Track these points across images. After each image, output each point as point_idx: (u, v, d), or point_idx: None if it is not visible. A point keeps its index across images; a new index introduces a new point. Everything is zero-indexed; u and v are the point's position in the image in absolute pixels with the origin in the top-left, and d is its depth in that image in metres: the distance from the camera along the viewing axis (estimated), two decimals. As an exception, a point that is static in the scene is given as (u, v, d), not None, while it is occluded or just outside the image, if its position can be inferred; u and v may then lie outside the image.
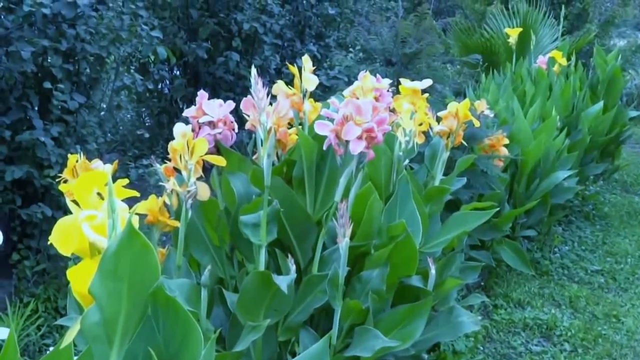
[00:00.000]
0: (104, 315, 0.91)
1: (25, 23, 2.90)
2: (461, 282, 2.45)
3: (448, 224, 2.41)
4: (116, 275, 0.90)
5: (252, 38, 5.04)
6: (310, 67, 2.28)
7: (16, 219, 3.43)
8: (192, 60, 4.74)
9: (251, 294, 1.92)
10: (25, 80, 3.27)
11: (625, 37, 9.71)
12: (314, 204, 2.20)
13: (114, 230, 0.91)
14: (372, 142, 1.96)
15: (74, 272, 0.97)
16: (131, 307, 0.93)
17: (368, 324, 2.03)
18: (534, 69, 4.76)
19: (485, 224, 3.43)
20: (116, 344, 0.95)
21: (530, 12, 5.98)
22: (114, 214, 0.92)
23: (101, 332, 0.93)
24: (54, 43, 3.10)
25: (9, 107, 3.23)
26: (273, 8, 4.89)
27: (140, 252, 0.90)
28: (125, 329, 0.94)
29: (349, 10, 5.99)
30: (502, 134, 3.27)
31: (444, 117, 2.48)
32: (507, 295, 3.51)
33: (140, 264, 0.90)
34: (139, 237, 0.89)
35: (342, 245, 1.85)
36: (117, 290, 0.91)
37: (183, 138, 1.92)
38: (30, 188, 3.47)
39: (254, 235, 1.95)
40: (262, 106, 1.89)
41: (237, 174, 2.13)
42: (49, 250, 3.57)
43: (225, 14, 4.83)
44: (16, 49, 2.88)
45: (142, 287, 0.93)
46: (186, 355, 1.33)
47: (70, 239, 0.98)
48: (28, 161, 3.25)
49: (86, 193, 1.00)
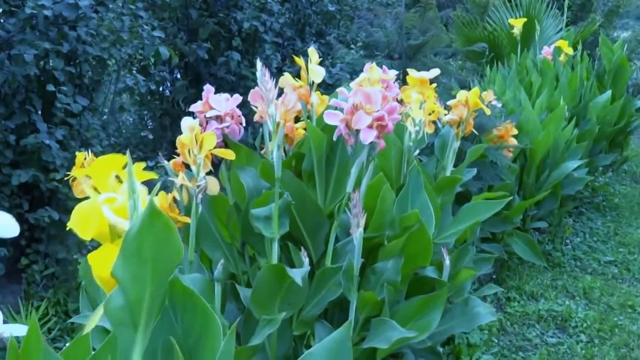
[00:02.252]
0: (128, 298, 0.89)
1: (27, 26, 2.88)
2: (475, 273, 2.41)
3: (460, 215, 2.38)
4: (140, 256, 0.87)
5: (252, 37, 5.01)
6: (317, 59, 2.25)
7: (24, 224, 3.42)
8: (192, 60, 4.71)
9: (265, 287, 1.89)
10: (28, 84, 3.25)
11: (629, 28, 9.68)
12: (325, 197, 2.17)
13: (136, 211, 0.89)
14: (383, 131, 1.92)
15: (95, 256, 0.94)
16: (155, 289, 0.90)
17: (384, 315, 2.00)
18: (539, 60, 4.72)
19: (496, 216, 3.41)
20: (141, 327, 0.92)
21: (533, 3, 5.93)
22: (135, 194, 0.89)
23: (126, 315, 0.90)
24: (55, 45, 3.08)
25: (13, 112, 3.22)
26: (273, 6, 4.86)
27: (163, 232, 0.87)
28: (150, 311, 0.92)
29: (349, 7, 5.97)
30: (510, 123, 3.23)
31: (453, 105, 2.45)
32: (520, 287, 3.47)
33: (164, 244, 0.87)
34: (161, 217, 0.86)
35: (356, 235, 1.81)
36: (140, 272, 0.88)
37: (191, 132, 1.89)
38: (37, 192, 3.46)
39: (266, 229, 1.92)
40: (271, 97, 1.86)
41: (246, 168, 2.10)
42: (57, 255, 3.56)
43: (225, 13, 4.81)
44: (19, 52, 2.86)
45: (165, 268, 0.90)
46: (205, 347, 1.30)
47: (90, 222, 0.95)
48: (33, 165, 3.23)
49: (104, 177, 0.97)
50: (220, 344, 1.27)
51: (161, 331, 1.30)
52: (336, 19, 5.94)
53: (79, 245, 3.49)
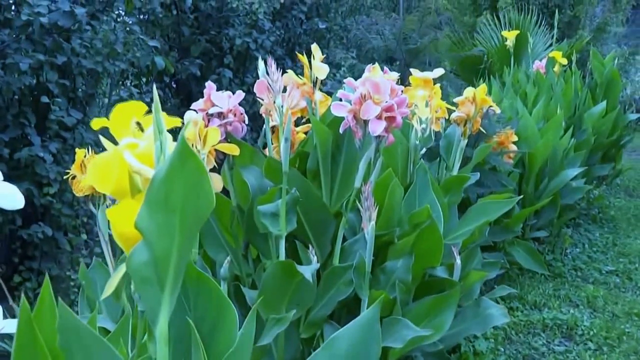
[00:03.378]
0: (154, 252, 0.79)
1: (22, 34, 2.82)
2: (485, 275, 2.34)
3: (469, 215, 2.32)
4: (167, 205, 0.77)
5: (243, 56, 4.97)
6: (320, 56, 2.19)
7: (17, 241, 3.34)
8: (184, 78, 4.66)
9: (273, 286, 1.81)
10: (22, 97, 3.19)
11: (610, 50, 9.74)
12: (331, 196, 2.10)
13: (163, 154, 0.80)
14: (392, 124, 1.87)
15: (114, 211, 0.86)
16: (184, 242, 0.80)
17: (396, 315, 1.93)
18: (531, 73, 4.71)
19: (496, 224, 3.37)
20: (168, 285, 0.82)
21: (523, 20, 5.94)
22: (162, 135, 0.81)
23: (151, 272, 0.80)
24: (49, 57, 3.02)
25: (7, 125, 3.16)
26: (264, 24, 4.83)
27: (194, 176, 0.77)
28: (178, 267, 0.82)
29: (339, 26, 5.94)
30: (510, 130, 3.19)
31: (460, 102, 2.40)
32: (522, 297, 3.40)
33: (195, 190, 0.77)
34: (193, 158, 0.76)
35: (367, 229, 1.74)
36: (168, 222, 0.78)
37: (194, 126, 1.82)
38: (30, 208, 3.38)
39: (273, 226, 1.84)
40: (277, 89, 1.80)
41: (250, 167, 2.04)
42: (51, 272, 3.48)
43: (217, 31, 4.77)
44: (14, 60, 2.79)
45: (196, 218, 0.80)
46: (221, 335, 1.23)
47: (110, 173, 0.87)
48: (27, 179, 3.16)
49: (124, 124, 0.89)
50: (237, 331, 1.20)
51: (174, 319, 1.23)
52: (325, 38, 5.91)
53: (72, 262, 3.41)
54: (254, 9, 4.47)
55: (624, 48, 8.51)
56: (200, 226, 0.82)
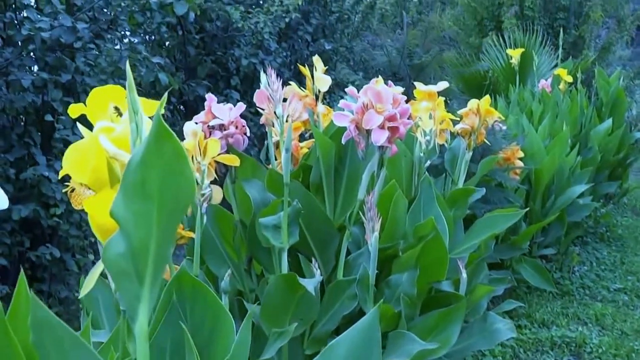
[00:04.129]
0: (131, 243, 0.74)
1: (24, 49, 2.81)
2: (492, 290, 2.30)
3: (474, 229, 2.29)
4: (144, 191, 0.72)
5: (250, 77, 4.96)
6: (322, 67, 2.18)
7: (25, 263, 3.32)
8: (191, 99, 4.64)
9: (275, 300, 1.78)
10: (27, 116, 3.18)
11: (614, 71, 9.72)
12: (334, 209, 2.07)
13: (139, 136, 0.76)
14: (395, 134, 1.84)
15: (92, 202, 0.83)
16: (163, 231, 0.75)
17: (401, 329, 1.89)
18: (537, 92, 4.69)
19: (503, 242, 3.33)
20: (148, 278, 0.76)
21: (528, 41, 5.94)
22: (137, 115, 0.76)
23: (129, 265, 0.75)
24: (53, 75, 3.01)
25: (12, 145, 3.14)
26: (270, 44, 4.82)
27: (172, 159, 0.71)
28: (157, 259, 0.76)
29: (345, 47, 5.94)
30: (516, 145, 3.16)
31: (464, 114, 2.37)
32: (530, 315, 3.35)
33: (173, 175, 0.72)
34: (171, 141, 0.70)
35: (371, 241, 1.71)
36: (145, 210, 0.73)
37: (194, 137, 1.80)
38: (38, 230, 3.37)
39: (275, 238, 1.82)
40: (278, 98, 1.78)
41: (252, 180, 2.01)
42: (60, 294, 3.46)
43: (222, 51, 4.76)
44: (16, 77, 2.78)
45: (176, 205, 0.74)
46: (217, 344, 1.20)
47: (86, 161, 0.83)
48: (34, 200, 3.14)
49: (101, 109, 0.86)
50: (234, 339, 1.17)
51: (169, 328, 1.20)
52: (332, 60, 5.90)
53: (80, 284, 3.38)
54: (259, 28, 4.47)
55: (628, 70, 8.49)
56: (182, 215, 0.77)
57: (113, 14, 3.19)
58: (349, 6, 6.21)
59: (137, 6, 3.18)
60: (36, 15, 2.75)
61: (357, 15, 6.37)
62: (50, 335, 0.88)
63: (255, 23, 4.47)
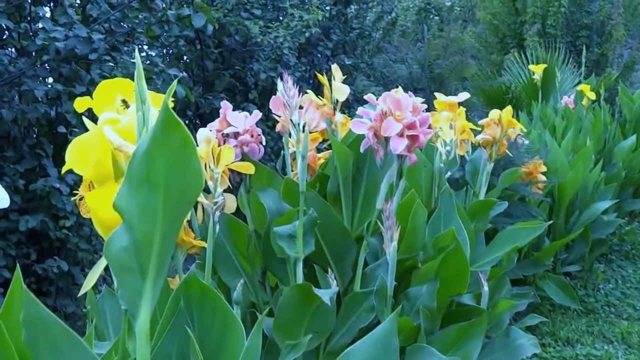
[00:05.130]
0: (134, 236, 0.70)
1: (37, 60, 2.79)
2: (515, 304, 2.23)
3: (496, 241, 2.22)
4: (149, 182, 0.68)
5: (268, 92, 4.93)
6: (341, 77, 2.13)
7: (31, 276, 3.26)
8: (208, 113, 4.61)
9: (289, 311, 1.73)
10: (39, 128, 3.15)
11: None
12: (352, 219, 2.02)
13: (145, 126, 0.72)
14: (415, 143, 1.79)
15: (95, 195, 0.78)
16: (169, 224, 0.71)
17: (420, 342, 1.82)
18: (560, 108, 4.62)
19: (526, 258, 3.26)
20: (151, 273, 0.72)
21: (550, 58, 5.87)
22: (144, 105, 0.73)
23: (131, 259, 0.71)
24: (67, 87, 2.99)
25: (23, 156, 3.11)
26: (289, 59, 4.79)
27: (179, 150, 0.68)
28: (162, 253, 0.72)
29: (365, 63, 5.90)
30: (539, 160, 3.09)
31: (485, 124, 2.32)
32: (554, 333, 3.27)
33: (180, 165, 0.68)
34: (178, 129, 0.67)
35: (389, 251, 1.66)
36: (150, 202, 0.69)
37: (207, 144, 1.75)
38: (46, 242, 3.32)
39: (290, 248, 1.76)
40: (294, 104, 1.74)
41: (267, 190, 1.96)
42: (66, 309, 3.40)
43: (241, 66, 4.74)
44: (29, 87, 2.76)
45: (182, 198, 0.71)
46: (226, 352, 1.14)
47: (89, 153, 0.79)
48: (43, 211, 3.09)
49: (107, 103, 0.82)
50: (244, 347, 1.11)
51: (175, 335, 1.15)
52: (352, 76, 5.86)
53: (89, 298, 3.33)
54: (278, 43, 4.45)
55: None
56: (188, 208, 0.74)
57: (130, 26, 3.17)
58: (370, 23, 6.20)
59: (155, 18, 3.16)
60: (51, 26, 2.73)
61: (378, 32, 6.37)
62: (43, 333, 0.83)
63: (274, 38, 4.44)
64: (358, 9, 5.98)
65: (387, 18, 6.44)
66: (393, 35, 6.36)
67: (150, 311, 0.78)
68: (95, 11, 3.12)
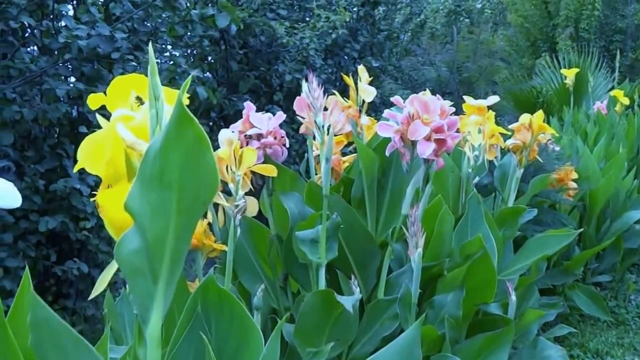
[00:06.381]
0: (146, 238, 0.67)
1: (59, 59, 2.77)
2: (543, 314, 2.16)
3: (525, 249, 2.15)
4: (162, 181, 0.65)
5: (294, 93, 4.89)
6: (367, 78, 2.08)
7: (51, 278, 3.24)
8: (232, 114, 4.57)
9: (311, 318, 1.68)
10: (60, 127, 3.13)
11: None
12: (376, 225, 1.97)
13: (159, 123, 0.69)
14: (442, 147, 1.73)
15: (107, 195, 0.75)
16: (182, 225, 0.68)
17: (445, 352, 1.77)
18: (592, 113, 4.53)
19: (556, 267, 3.18)
20: (163, 276, 0.69)
21: (583, 62, 5.77)
22: (158, 102, 0.69)
23: (143, 262, 0.69)
24: (90, 87, 2.96)
25: (43, 156, 3.08)
26: (315, 60, 4.74)
27: (194, 147, 0.65)
28: (174, 256, 0.69)
29: (393, 66, 5.84)
30: (570, 166, 3.02)
31: (516, 129, 2.25)
32: (583, 345, 3.18)
33: (194, 164, 0.66)
34: (192, 126, 0.64)
35: (414, 257, 1.60)
36: (163, 201, 0.66)
37: (229, 146, 1.71)
38: (66, 244, 3.30)
39: (312, 253, 1.71)
40: (318, 106, 1.69)
41: (290, 193, 1.92)
42: (86, 311, 3.38)
43: (266, 67, 4.70)
44: (50, 86, 2.73)
45: (196, 197, 0.68)
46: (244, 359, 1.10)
47: (101, 151, 0.76)
48: (63, 212, 3.07)
49: (121, 99, 0.78)
50: (262, 354, 1.07)
51: (192, 341, 1.11)
52: (379, 78, 5.80)
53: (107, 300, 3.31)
54: (304, 44, 4.40)
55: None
56: (203, 208, 0.70)
57: (154, 25, 3.14)
58: (398, 25, 6.14)
59: (178, 17, 3.13)
60: (74, 24, 2.71)
61: (407, 34, 6.30)
62: (50, 337, 0.80)
63: (300, 39, 4.40)
64: (386, 10, 5.92)
65: (415, 20, 6.38)
66: (421, 38, 6.30)
67: (162, 316, 0.75)
68: (119, 10, 3.09)
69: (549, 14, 7.55)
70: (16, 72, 2.82)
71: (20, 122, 2.89)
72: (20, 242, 2.97)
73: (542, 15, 7.55)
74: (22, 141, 3.11)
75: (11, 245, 2.93)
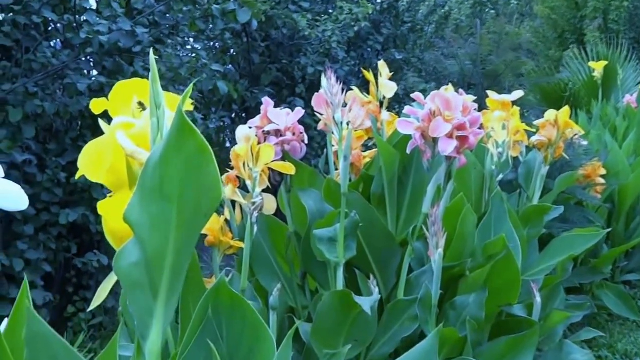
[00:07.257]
0: (146, 250, 0.65)
1: (81, 53, 2.76)
2: (569, 316, 2.10)
3: (550, 249, 2.10)
4: (162, 192, 0.63)
5: (316, 86, 4.85)
6: (388, 73, 2.03)
7: (72, 270, 3.24)
8: (253, 106, 4.54)
9: (328, 319, 1.64)
10: (82, 120, 3.12)
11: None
12: (397, 223, 1.93)
13: (160, 132, 0.65)
14: (464, 144, 1.68)
15: (107, 205, 0.72)
16: (183, 238, 0.66)
17: (466, 356, 1.72)
18: (621, 107, 4.43)
19: (583, 265, 3.11)
20: (163, 290, 0.66)
21: (612, 55, 5.66)
22: (160, 110, 0.66)
23: (142, 275, 0.66)
24: (111, 80, 2.95)
25: (65, 149, 3.08)
26: (338, 53, 4.69)
27: (195, 158, 0.62)
28: (175, 270, 0.67)
29: (417, 58, 5.77)
30: (598, 162, 2.94)
31: (541, 125, 2.19)
32: (612, 345, 3.11)
33: (196, 174, 0.63)
34: (193, 137, 0.61)
35: (434, 258, 1.56)
36: (163, 213, 0.64)
37: (247, 142, 1.67)
38: (86, 236, 3.29)
39: (330, 252, 1.68)
40: (337, 102, 1.64)
41: (309, 190, 1.88)
42: (106, 303, 3.37)
43: (288, 59, 4.66)
44: (71, 81, 2.72)
45: (197, 209, 0.65)
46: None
47: (102, 159, 0.73)
48: (84, 204, 3.06)
49: (123, 104, 0.75)
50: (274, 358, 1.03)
51: (203, 346, 1.08)
52: (403, 70, 5.74)
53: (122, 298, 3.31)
54: (327, 36, 4.36)
55: None
56: (205, 220, 0.67)
57: (175, 19, 3.12)
58: (422, 17, 6.07)
59: (200, 12, 3.10)
60: (95, 19, 2.69)
61: (431, 26, 6.23)
62: (46, 351, 0.77)
63: (323, 31, 4.36)
64: (410, 2, 5.86)
65: (440, 12, 6.30)
66: (446, 30, 6.22)
67: (163, 332, 0.72)
68: (140, 4, 3.08)
69: (577, 5, 7.44)
70: (38, 66, 2.82)
71: (42, 116, 2.89)
72: (41, 234, 2.98)
73: (569, 6, 7.44)
74: (44, 134, 3.11)
75: (32, 237, 2.93)
